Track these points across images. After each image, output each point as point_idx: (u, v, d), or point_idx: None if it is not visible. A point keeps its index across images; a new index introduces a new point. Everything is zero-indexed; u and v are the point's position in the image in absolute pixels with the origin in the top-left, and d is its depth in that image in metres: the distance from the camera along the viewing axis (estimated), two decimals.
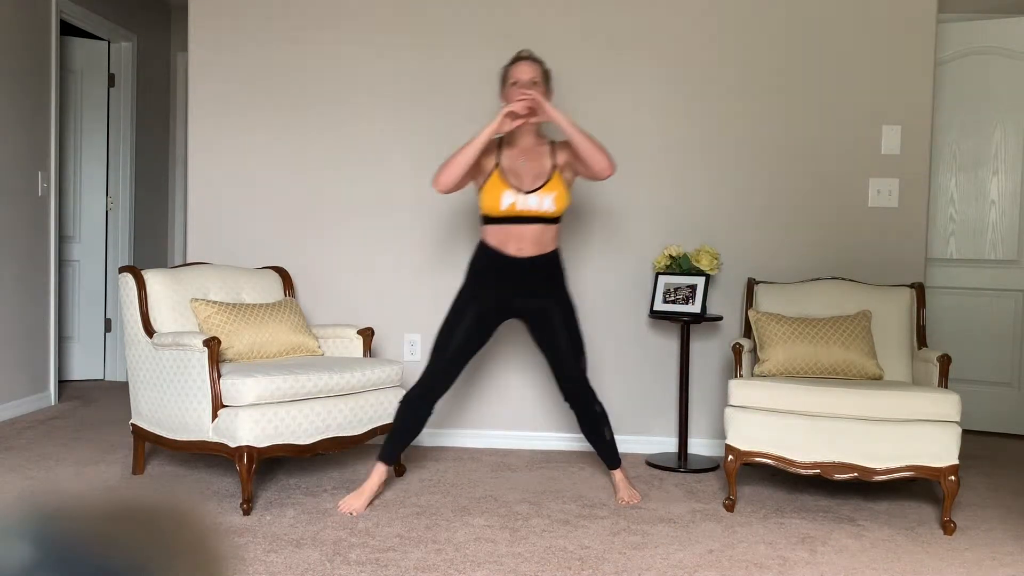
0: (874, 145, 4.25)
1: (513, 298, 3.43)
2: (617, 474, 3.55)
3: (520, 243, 3.37)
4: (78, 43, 5.83)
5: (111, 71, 5.95)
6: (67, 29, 5.67)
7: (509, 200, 3.33)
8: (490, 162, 3.40)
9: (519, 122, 3.31)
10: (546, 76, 3.48)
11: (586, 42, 4.33)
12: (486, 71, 4.36)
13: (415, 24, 4.39)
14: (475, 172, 3.41)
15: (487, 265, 3.43)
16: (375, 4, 4.40)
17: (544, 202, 3.33)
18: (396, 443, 3.42)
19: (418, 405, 3.40)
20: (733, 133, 4.30)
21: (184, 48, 6.22)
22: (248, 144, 4.46)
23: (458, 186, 3.36)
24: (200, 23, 4.44)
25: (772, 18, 4.28)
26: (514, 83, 3.40)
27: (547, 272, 3.43)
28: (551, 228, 3.41)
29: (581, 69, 4.33)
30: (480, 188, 3.41)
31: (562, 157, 3.40)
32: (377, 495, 3.42)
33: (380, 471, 3.39)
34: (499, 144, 3.43)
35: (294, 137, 4.44)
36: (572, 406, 3.51)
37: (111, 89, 5.95)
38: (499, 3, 4.35)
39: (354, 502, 3.30)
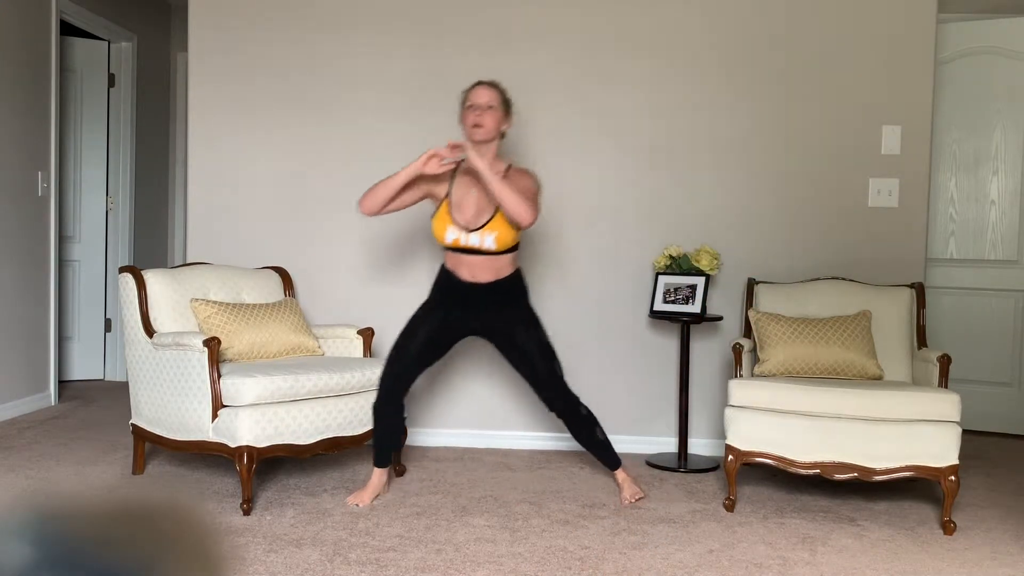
0: (874, 145, 4.25)
1: (474, 319, 3.46)
2: (620, 474, 3.55)
3: (472, 270, 3.41)
4: (78, 43, 5.83)
5: (111, 71, 5.95)
6: (67, 29, 5.67)
7: (453, 236, 3.37)
8: (442, 190, 3.44)
9: (444, 168, 3.34)
10: (506, 103, 3.45)
11: (586, 42, 4.33)
12: (487, 70, 4.35)
13: (415, 24, 4.38)
14: (428, 195, 3.46)
15: (446, 286, 3.48)
16: (375, 4, 4.40)
17: (485, 241, 3.34)
18: (381, 448, 3.48)
19: (386, 411, 3.45)
20: (733, 133, 4.30)
21: (184, 48, 6.22)
22: (248, 144, 4.46)
23: (386, 211, 3.40)
24: (200, 23, 4.44)
25: (772, 18, 4.28)
26: (469, 106, 3.40)
27: (503, 296, 3.45)
28: (504, 257, 3.42)
29: (581, 69, 4.33)
30: (432, 215, 3.46)
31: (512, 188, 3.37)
32: (381, 492, 3.48)
33: (378, 473, 3.46)
34: (456, 168, 3.45)
35: (294, 137, 4.44)
36: (558, 414, 3.52)
37: (111, 89, 5.95)
38: (500, 4, 4.35)
39: (360, 496, 3.40)
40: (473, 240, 3.35)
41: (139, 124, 6.11)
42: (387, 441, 3.48)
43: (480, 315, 3.45)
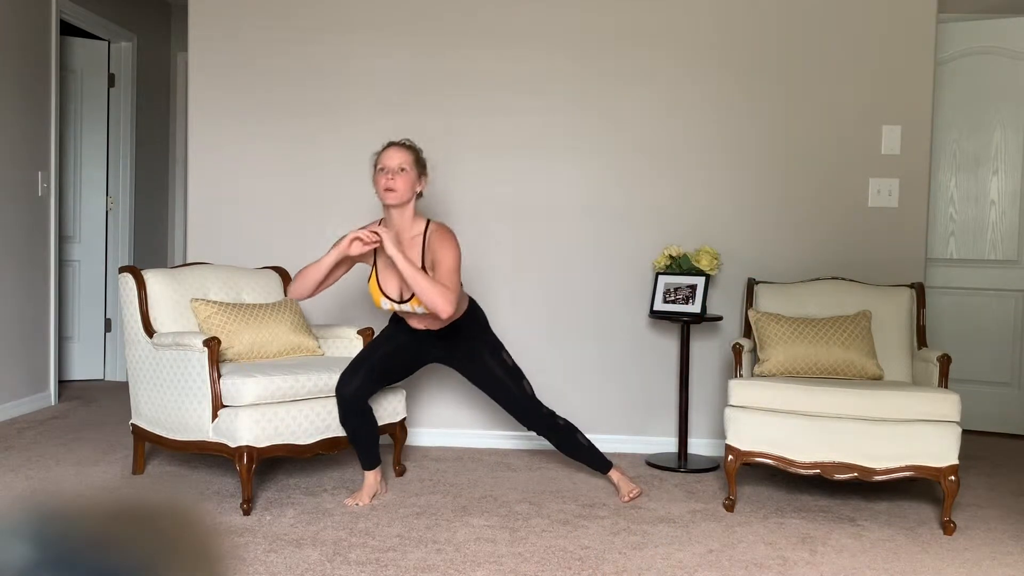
0: (874, 145, 4.25)
1: (432, 353, 3.52)
2: (614, 474, 3.56)
3: (422, 321, 3.42)
4: (78, 43, 5.83)
5: (111, 71, 5.95)
6: (67, 29, 5.67)
7: (387, 305, 3.38)
8: (368, 259, 3.45)
9: (366, 249, 3.30)
10: (419, 163, 3.38)
11: (587, 41, 4.33)
12: (486, 71, 4.36)
13: (415, 24, 4.38)
14: (356, 263, 3.46)
15: (401, 329, 3.50)
16: (375, 4, 4.40)
17: (417, 309, 3.33)
18: (360, 451, 3.45)
19: (351, 421, 3.39)
20: (733, 133, 4.30)
21: (184, 48, 6.22)
22: (248, 144, 4.46)
23: (317, 292, 3.38)
24: (200, 23, 4.44)
25: (772, 18, 4.28)
26: (381, 168, 3.33)
27: (460, 335, 3.46)
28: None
29: (581, 68, 4.33)
30: (367, 280, 3.50)
31: (431, 255, 3.31)
32: (379, 492, 3.48)
33: (370, 475, 3.47)
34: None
35: (294, 137, 4.44)
36: (537, 431, 3.54)
37: (111, 89, 5.95)
38: (498, 3, 4.35)
39: (359, 497, 3.41)
40: (407, 308, 3.37)
41: (139, 124, 6.11)
42: (363, 443, 3.43)
43: (440, 351, 3.51)
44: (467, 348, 3.49)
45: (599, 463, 3.57)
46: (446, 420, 4.40)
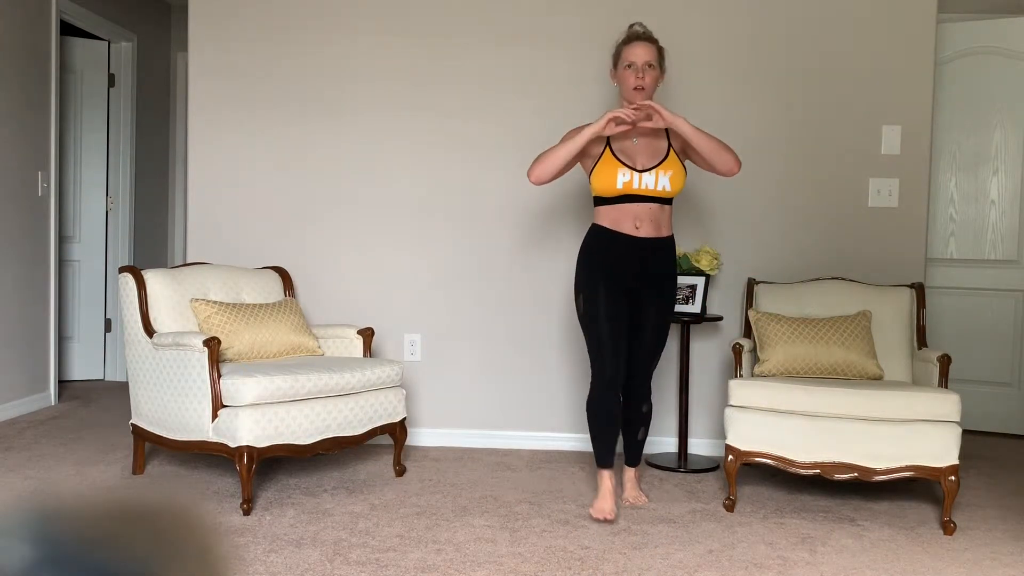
0: (874, 145, 4.25)
1: (629, 277, 3.27)
2: (629, 472, 3.55)
3: (637, 221, 3.22)
4: (78, 43, 5.83)
5: (111, 71, 5.95)
6: (67, 29, 5.67)
7: (624, 179, 3.18)
8: (598, 145, 3.26)
9: (623, 128, 3.19)
10: (661, 56, 3.30)
11: (586, 42, 4.33)
12: (486, 68, 4.36)
13: (415, 23, 4.38)
14: (580, 156, 3.27)
15: (602, 247, 3.28)
16: (375, 3, 4.40)
17: (661, 181, 3.18)
18: (601, 446, 3.31)
19: (602, 403, 3.27)
20: (733, 133, 4.29)
21: (184, 48, 6.22)
22: (248, 144, 4.46)
23: (553, 179, 3.28)
24: (200, 23, 4.44)
25: (772, 18, 4.28)
26: (628, 65, 3.23)
27: (662, 257, 3.29)
28: (667, 209, 3.28)
29: (583, 67, 4.33)
30: (590, 171, 3.26)
31: (678, 141, 3.26)
32: (617, 495, 3.39)
33: (605, 475, 3.30)
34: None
35: (294, 137, 4.44)
36: (624, 397, 3.42)
37: (111, 89, 5.95)
38: (498, 3, 4.35)
39: (602, 506, 3.24)
40: (647, 181, 3.18)
41: (139, 124, 6.11)
42: (609, 436, 3.28)
43: (639, 272, 3.26)
44: (655, 280, 3.30)
45: (633, 456, 3.53)
46: (446, 420, 4.40)
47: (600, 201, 3.29)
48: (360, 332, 3.97)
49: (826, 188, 4.28)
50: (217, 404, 3.29)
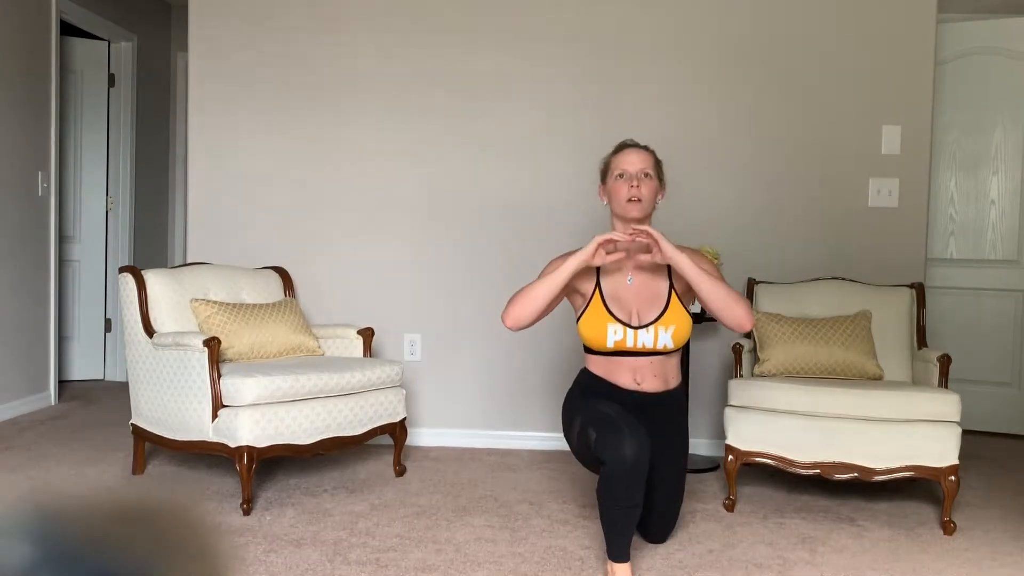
0: (874, 145, 4.25)
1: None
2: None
3: (637, 376, 2.78)
4: (78, 43, 5.83)
5: (111, 71, 5.95)
6: (67, 29, 5.67)
7: (616, 337, 2.72)
8: (588, 285, 2.80)
9: (618, 256, 2.72)
10: (659, 168, 2.89)
11: (588, 42, 4.33)
12: (488, 70, 4.36)
13: (415, 23, 4.38)
14: (566, 291, 2.80)
15: (600, 391, 2.81)
16: (376, 3, 4.39)
17: (661, 339, 2.72)
18: (628, 531, 2.58)
19: (642, 480, 2.54)
20: (733, 133, 4.30)
21: (184, 48, 6.22)
22: (248, 144, 4.46)
23: (534, 322, 2.74)
24: (200, 23, 4.44)
25: (773, 18, 4.28)
26: (620, 175, 2.81)
27: (670, 412, 2.85)
28: (674, 358, 2.83)
29: (583, 68, 4.33)
30: (579, 316, 2.80)
31: (680, 282, 2.78)
32: None
33: (622, 569, 2.58)
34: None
35: (294, 137, 4.44)
36: (646, 537, 2.94)
37: (111, 89, 5.95)
38: (499, 4, 4.35)
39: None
40: (644, 339, 2.71)
41: (139, 124, 6.11)
42: (634, 524, 2.58)
43: (646, 426, 2.67)
44: (671, 428, 2.84)
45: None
46: (446, 420, 4.40)
47: (590, 351, 2.83)
48: (360, 332, 3.97)
49: (826, 188, 4.28)
50: (217, 404, 3.29)
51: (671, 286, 2.80)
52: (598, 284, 2.79)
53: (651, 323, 2.74)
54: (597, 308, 2.76)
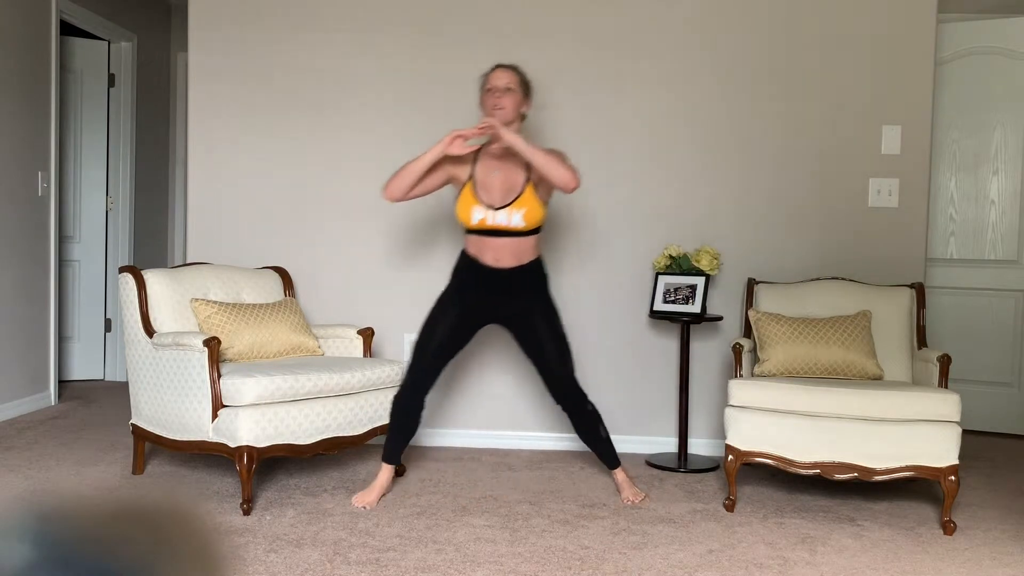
0: (874, 145, 4.25)
1: (494, 306, 3.46)
2: (618, 474, 3.55)
3: (496, 254, 3.39)
4: (78, 43, 5.83)
5: (111, 71, 5.95)
6: (67, 29, 5.67)
7: (479, 215, 3.35)
8: (464, 172, 3.42)
9: (468, 149, 3.32)
10: (525, 85, 3.46)
11: (585, 42, 4.33)
12: (486, 69, 4.35)
13: (414, 25, 4.38)
14: (450, 179, 3.45)
15: (468, 272, 3.47)
16: (375, 5, 4.40)
17: (513, 218, 3.33)
18: (394, 442, 3.48)
19: (407, 404, 3.45)
20: (733, 133, 4.30)
21: (184, 48, 6.22)
22: (248, 144, 4.46)
23: (410, 197, 3.41)
24: (200, 23, 4.44)
25: (772, 18, 4.28)
26: (488, 89, 3.41)
27: (526, 281, 3.44)
28: (528, 240, 3.41)
29: (581, 69, 4.33)
30: (456, 199, 3.45)
31: (536, 174, 3.36)
32: (387, 491, 3.48)
33: (386, 470, 3.46)
34: (478, 150, 3.44)
35: (294, 137, 4.44)
36: (563, 408, 3.52)
37: (111, 89, 5.95)
38: (498, 4, 4.35)
39: (366, 496, 3.37)
40: (500, 218, 3.34)
41: (139, 124, 6.11)
42: (404, 435, 3.46)
43: (500, 302, 3.43)
44: (526, 306, 3.44)
45: (610, 458, 3.56)
46: (446, 420, 4.40)
47: (466, 230, 3.45)
48: (360, 332, 3.97)
49: (826, 188, 4.28)
50: (217, 404, 3.29)
51: (528, 178, 3.37)
52: (472, 174, 3.41)
53: (506, 206, 3.34)
54: (467, 192, 3.39)
